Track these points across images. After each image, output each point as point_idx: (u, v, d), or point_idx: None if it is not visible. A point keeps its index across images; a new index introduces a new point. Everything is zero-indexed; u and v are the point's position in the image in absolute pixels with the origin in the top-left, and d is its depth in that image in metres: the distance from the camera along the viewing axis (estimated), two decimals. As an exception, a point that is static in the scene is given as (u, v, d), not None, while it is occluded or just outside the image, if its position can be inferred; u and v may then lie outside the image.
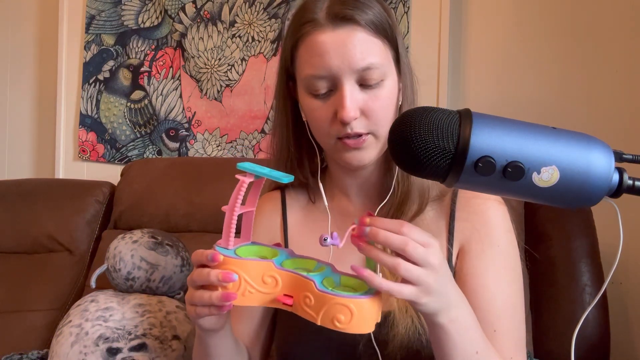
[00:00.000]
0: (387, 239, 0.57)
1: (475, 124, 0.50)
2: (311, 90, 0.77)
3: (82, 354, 1.11)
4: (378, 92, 0.76)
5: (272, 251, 0.66)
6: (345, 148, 0.77)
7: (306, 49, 0.76)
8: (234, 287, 0.60)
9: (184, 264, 1.30)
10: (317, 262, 0.65)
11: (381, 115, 0.76)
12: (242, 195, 0.60)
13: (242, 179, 0.61)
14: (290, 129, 0.85)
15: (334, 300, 0.57)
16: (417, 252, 0.57)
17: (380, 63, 0.75)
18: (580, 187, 0.50)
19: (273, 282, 0.61)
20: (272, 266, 0.61)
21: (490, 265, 0.78)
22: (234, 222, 0.61)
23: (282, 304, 0.61)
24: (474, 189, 0.54)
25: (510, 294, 0.78)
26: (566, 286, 1.17)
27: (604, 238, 1.21)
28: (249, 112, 1.81)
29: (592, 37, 1.42)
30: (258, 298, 0.61)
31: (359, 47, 0.73)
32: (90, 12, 1.99)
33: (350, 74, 0.74)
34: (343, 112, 0.73)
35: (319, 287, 0.58)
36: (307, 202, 0.91)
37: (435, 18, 1.57)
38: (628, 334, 1.34)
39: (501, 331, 0.75)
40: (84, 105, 2.00)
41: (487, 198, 0.82)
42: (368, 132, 0.76)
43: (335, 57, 0.73)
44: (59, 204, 1.67)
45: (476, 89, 1.57)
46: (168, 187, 1.59)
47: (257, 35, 1.80)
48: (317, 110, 0.77)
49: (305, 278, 0.59)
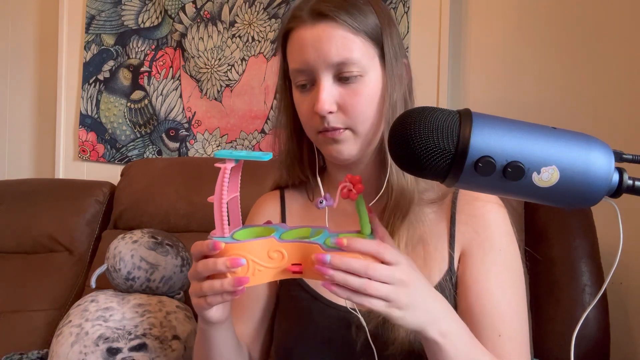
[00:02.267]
0: (350, 267, 0.59)
1: (475, 124, 0.50)
2: (296, 84, 0.81)
3: (82, 354, 1.11)
4: (357, 88, 0.77)
5: (266, 229, 0.68)
6: (325, 141, 0.79)
7: (292, 43, 0.80)
8: (242, 270, 0.61)
9: (184, 264, 1.30)
10: (311, 228, 0.68)
11: (359, 111, 0.77)
12: (227, 182, 0.62)
13: (224, 166, 0.63)
14: (290, 127, 0.87)
15: (342, 255, 0.60)
16: (381, 273, 0.59)
17: (358, 59, 0.76)
18: (580, 187, 0.50)
19: (279, 256, 0.63)
20: (274, 241, 0.63)
21: (493, 270, 0.78)
22: (225, 210, 0.63)
23: (291, 273, 0.63)
24: (474, 189, 0.54)
25: (513, 298, 0.78)
26: (566, 286, 1.17)
27: (604, 238, 1.21)
28: (249, 112, 1.81)
29: (593, 36, 1.42)
30: (268, 274, 0.63)
31: (335, 42, 0.75)
32: (90, 12, 1.99)
33: (326, 68, 0.76)
34: (317, 105, 0.76)
35: (325, 247, 0.61)
36: (306, 200, 0.92)
37: (435, 18, 1.56)
38: (628, 334, 1.34)
39: (506, 335, 0.75)
40: (84, 105, 2.00)
41: (487, 200, 0.82)
42: (345, 128, 0.78)
43: (312, 51, 0.76)
44: (59, 204, 1.67)
45: (476, 89, 1.57)
46: (168, 187, 1.59)
47: (257, 35, 1.80)
48: (301, 104, 0.81)
49: (310, 243, 0.62)
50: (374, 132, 0.80)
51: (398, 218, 0.79)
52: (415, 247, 0.79)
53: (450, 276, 0.79)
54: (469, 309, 0.76)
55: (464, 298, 0.77)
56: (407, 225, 0.78)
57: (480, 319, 0.75)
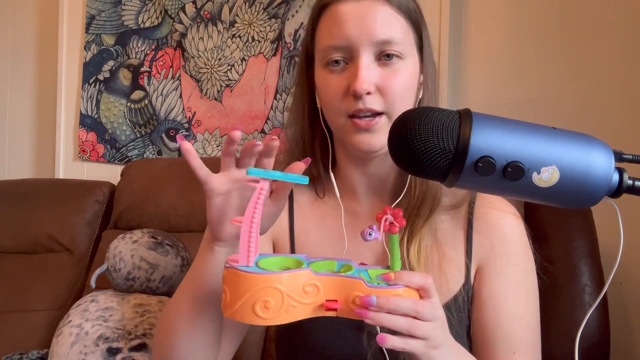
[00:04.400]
0: (398, 308, 0.55)
1: (475, 124, 0.50)
2: (327, 62, 0.74)
3: (82, 354, 1.11)
4: (397, 70, 0.73)
5: (291, 260, 0.61)
6: (355, 128, 0.73)
7: (326, 19, 0.75)
8: (276, 305, 0.54)
9: (184, 264, 1.30)
10: (336, 261, 0.63)
11: (398, 95, 0.72)
12: (261, 204, 0.54)
13: (261, 185, 0.54)
14: (306, 116, 0.82)
15: (390, 292, 0.56)
16: (426, 310, 0.57)
17: (401, 39, 0.72)
18: (580, 187, 0.50)
19: (314, 290, 0.56)
20: (310, 274, 0.56)
21: (510, 286, 0.76)
22: (254, 235, 0.54)
23: (326, 311, 0.57)
24: (474, 189, 0.54)
25: (529, 314, 0.77)
26: (566, 286, 1.17)
27: (604, 238, 1.20)
28: (249, 112, 1.81)
29: (593, 36, 1.42)
30: (302, 311, 0.56)
31: (380, 19, 0.72)
32: (90, 12, 2.00)
33: (368, 46, 0.71)
34: (356, 82, 0.70)
35: (369, 284, 0.56)
36: (315, 197, 0.87)
37: (435, 18, 1.56)
38: (628, 334, 1.34)
39: (520, 353, 0.74)
40: (84, 105, 2.00)
41: (504, 211, 0.80)
42: (382, 112, 0.72)
43: (354, 26, 0.71)
44: (59, 204, 1.67)
45: (476, 89, 1.57)
46: (168, 187, 1.59)
47: (257, 35, 1.80)
48: (331, 86, 0.74)
49: (351, 278, 0.57)
50: None
51: (420, 219, 0.76)
52: (430, 254, 0.77)
53: (466, 288, 0.77)
54: (485, 325, 0.76)
55: (480, 313, 0.77)
56: (428, 227, 0.76)
57: (496, 336, 0.75)
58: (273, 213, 0.65)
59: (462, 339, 0.77)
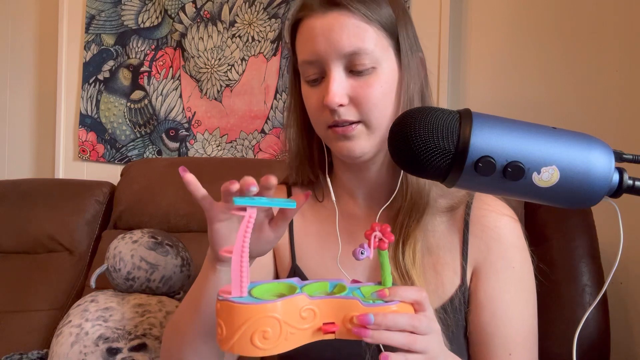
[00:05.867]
0: (396, 324, 0.55)
1: (475, 124, 0.50)
2: (305, 77, 0.77)
3: (82, 354, 1.11)
4: (369, 80, 0.73)
5: (283, 285, 0.60)
6: (335, 136, 0.75)
7: (300, 34, 0.76)
8: (274, 334, 0.53)
9: (184, 264, 1.30)
10: (329, 282, 0.62)
11: (372, 104, 0.73)
12: (249, 233, 0.53)
13: (248, 214, 0.54)
14: (299, 124, 0.83)
15: (385, 309, 0.56)
16: (423, 324, 0.56)
17: (370, 49, 0.72)
18: (580, 187, 0.50)
19: (311, 315, 0.55)
20: (305, 298, 0.55)
21: (506, 288, 0.76)
22: (245, 265, 0.54)
23: (324, 334, 0.56)
24: (474, 189, 0.54)
25: (526, 316, 0.77)
26: (566, 286, 1.17)
27: (604, 238, 1.20)
28: (249, 112, 1.81)
29: (593, 36, 1.42)
30: (301, 337, 0.55)
31: (347, 31, 0.72)
32: (90, 12, 2.00)
33: (337, 59, 0.72)
34: (327, 97, 0.72)
35: (365, 303, 0.56)
36: (315, 201, 0.87)
37: (435, 18, 1.56)
38: (628, 334, 1.34)
39: (517, 354, 0.75)
40: (83, 105, 2.00)
41: (501, 213, 0.79)
42: (358, 121, 0.73)
43: (322, 41, 0.72)
44: (59, 204, 1.67)
45: (476, 89, 1.57)
46: (168, 187, 1.59)
47: (257, 35, 1.80)
48: (310, 98, 0.76)
49: (346, 298, 0.56)
50: (389, 128, 0.77)
51: (413, 221, 0.76)
52: (426, 256, 0.77)
53: (463, 290, 0.77)
54: (481, 327, 0.76)
55: (476, 315, 0.77)
56: (422, 229, 0.76)
57: (493, 338, 0.75)
58: (272, 239, 0.66)
59: (459, 340, 0.77)
